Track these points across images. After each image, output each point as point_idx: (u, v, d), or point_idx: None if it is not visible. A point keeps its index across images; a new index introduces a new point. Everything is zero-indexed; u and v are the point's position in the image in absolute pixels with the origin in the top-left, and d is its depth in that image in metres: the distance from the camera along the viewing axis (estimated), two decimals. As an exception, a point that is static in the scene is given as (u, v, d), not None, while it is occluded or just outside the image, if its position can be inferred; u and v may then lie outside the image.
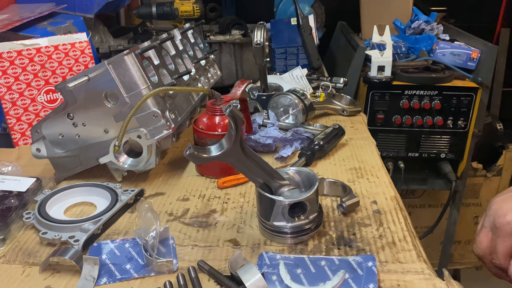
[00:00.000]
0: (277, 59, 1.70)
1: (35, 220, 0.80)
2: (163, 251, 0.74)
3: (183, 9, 1.62)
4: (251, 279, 0.62)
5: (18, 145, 1.15)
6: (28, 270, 0.71)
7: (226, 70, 1.60)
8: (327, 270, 0.68)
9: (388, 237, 0.76)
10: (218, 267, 0.70)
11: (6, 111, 1.13)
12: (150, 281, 0.68)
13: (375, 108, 1.74)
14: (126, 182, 0.95)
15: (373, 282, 0.65)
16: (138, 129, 0.87)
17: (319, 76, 1.55)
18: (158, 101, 0.87)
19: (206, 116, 0.97)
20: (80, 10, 1.47)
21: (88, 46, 1.20)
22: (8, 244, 0.77)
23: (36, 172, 0.99)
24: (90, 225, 0.77)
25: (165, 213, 0.86)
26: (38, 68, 1.14)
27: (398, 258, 0.71)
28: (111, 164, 0.92)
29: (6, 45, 1.11)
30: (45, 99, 1.16)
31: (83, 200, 0.89)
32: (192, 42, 1.25)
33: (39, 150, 0.94)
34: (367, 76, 1.69)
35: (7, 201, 0.85)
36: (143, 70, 0.86)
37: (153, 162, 0.92)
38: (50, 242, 0.76)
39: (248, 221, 0.82)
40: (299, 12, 1.62)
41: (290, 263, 0.70)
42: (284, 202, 0.73)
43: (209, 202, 0.89)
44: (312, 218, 0.75)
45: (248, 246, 0.76)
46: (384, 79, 1.66)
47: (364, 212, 0.84)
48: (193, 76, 1.15)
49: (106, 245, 0.75)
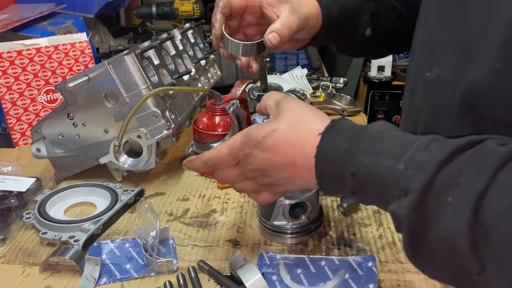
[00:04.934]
0: (277, 59, 1.70)
1: (35, 220, 0.79)
2: (163, 251, 0.74)
3: (183, 9, 1.61)
4: (251, 279, 0.62)
5: (18, 145, 1.15)
6: (28, 270, 0.71)
7: (226, 70, 1.59)
8: (327, 270, 0.68)
9: (388, 237, 0.76)
10: (218, 267, 0.70)
11: (6, 111, 1.13)
12: (150, 281, 0.68)
13: (375, 108, 1.74)
14: (126, 182, 0.95)
15: (373, 282, 0.65)
16: (138, 129, 0.87)
17: (319, 76, 1.55)
18: (158, 101, 0.87)
19: (206, 116, 0.97)
20: (80, 10, 1.47)
21: (88, 46, 1.20)
22: (8, 244, 0.77)
23: (36, 172, 0.99)
24: (90, 225, 0.77)
25: (165, 213, 0.86)
26: (38, 68, 1.14)
27: (398, 258, 0.71)
28: (111, 164, 0.92)
29: (6, 45, 1.11)
30: (45, 99, 1.16)
31: (83, 200, 0.89)
32: (192, 42, 1.25)
33: (39, 150, 0.94)
34: (367, 76, 1.69)
35: (7, 201, 0.85)
36: (143, 70, 0.86)
37: (153, 162, 0.92)
38: (50, 242, 0.76)
39: (248, 221, 0.82)
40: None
41: (290, 263, 0.70)
42: (284, 202, 0.73)
43: (209, 202, 0.89)
44: (313, 218, 0.75)
45: (248, 246, 0.76)
46: (384, 79, 1.66)
47: (364, 212, 0.84)
48: (193, 76, 1.15)
49: (106, 245, 0.75)
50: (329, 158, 0.51)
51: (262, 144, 0.56)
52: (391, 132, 0.49)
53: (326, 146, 0.52)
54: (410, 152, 0.45)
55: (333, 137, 0.52)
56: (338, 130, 0.52)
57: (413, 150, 0.45)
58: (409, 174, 0.44)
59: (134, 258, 0.72)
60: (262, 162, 0.56)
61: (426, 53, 0.61)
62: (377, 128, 0.50)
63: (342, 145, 0.50)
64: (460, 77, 0.51)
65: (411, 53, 0.71)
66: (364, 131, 0.50)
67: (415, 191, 0.42)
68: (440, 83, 0.55)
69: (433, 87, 0.57)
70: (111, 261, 0.72)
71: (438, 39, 0.57)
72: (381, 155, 0.47)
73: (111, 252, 0.73)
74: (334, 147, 0.51)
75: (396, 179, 0.45)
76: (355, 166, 0.48)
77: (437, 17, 0.59)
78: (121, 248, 0.74)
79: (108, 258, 0.72)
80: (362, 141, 0.49)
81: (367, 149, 0.48)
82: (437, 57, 0.57)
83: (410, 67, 0.69)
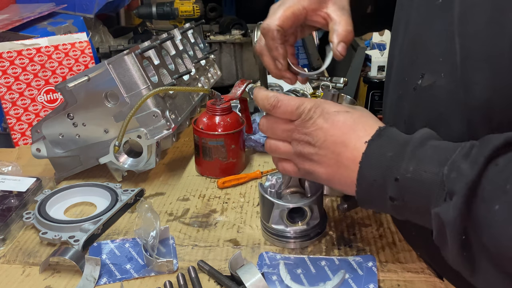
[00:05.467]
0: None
1: (35, 220, 0.79)
2: (163, 251, 0.74)
3: (183, 9, 1.61)
4: (251, 279, 0.62)
5: (18, 145, 1.15)
6: (28, 270, 0.71)
7: (226, 70, 1.59)
8: (327, 270, 0.68)
9: (388, 237, 0.76)
10: (218, 267, 0.70)
11: (6, 111, 1.13)
12: (150, 281, 0.68)
13: (375, 108, 1.74)
14: (126, 182, 0.95)
15: (373, 282, 0.65)
16: (138, 129, 0.87)
17: (319, 76, 1.55)
18: (158, 101, 0.87)
19: (206, 116, 0.97)
20: (80, 10, 1.47)
21: (88, 46, 1.20)
22: (8, 244, 0.77)
23: (36, 172, 0.99)
24: (90, 225, 0.77)
25: (165, 213, 0.86)
26: (38, 68, 1.14)
27: (398, 258, 0.71)
28: (111, 164, 0.92)
29: (6, 45, 1.11)
30: (45, 99, 1.16)
31: (83, 200, 0.89)
32: (192, 42, 1.25)
33: (39, 150, 0.94)
34: (367, 76, 1.69)
35: (7, 201, 0.85)
36: (143, 70, 0.86)
37: (153, 162, 0.92)
38: (50, 242, 0.76)
39: (248, 221, 0.82)
40: (299, 12, 1.62)
41: (290, 263, 0.70)
42: (283, 206, 0.72)
43: (209, 202, 0.89)
44: (313, 225, 0.74)
45: (248, 246, 0.76)
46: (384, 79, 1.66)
47: (364, 212, 0.84)
48: (193, 76, 1.15)
49: (106, 245, 0.75)
50: (374, 164, 0.52)
51: (330, 115, 0.56)
52: (434, 141, 0.50)
53: (372, 153, 0.52)
54: (453, 157, 0.46)
55: (379, 145, 0.53)
56: (384, 139, 0.53)
57: (456, 155, 0.46)
58: (453, 177, 0.44)
59: (134, 258, 0.72)
60: (317, 130, 0.56)
61: (412, 59, 0.60)
62: (420, 135, 0.51)
63: (388, 153, 0.51)
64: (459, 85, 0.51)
65: (390, 56, 0.70)
66: (408, 140, 0.51)
67: (459, 192, 0.43)
68: (434, 90, 0.55)
69: (427, 95, 0.57)
70: (111, 261, 0.72)
71: (427, 45, 0.57)
72: (426, 161, 0.48)
73: (111, 252, 0.73)
74: (380, 154, 0.52)
75: (441, 182, 0.45)
76: (399, 172, 0.49)
77: (422, 21, 0.58)
78: (121, 248, 0.74)
79: (108, 258, 0.72)
80: (407, 149, 0.50)
81: (412, 156, 0.49)
82: (428, 64, 0.57)
83: (391, 71, 0.68)
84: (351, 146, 0.54)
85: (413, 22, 0.60)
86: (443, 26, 0.53)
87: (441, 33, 0.54)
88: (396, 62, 0.66)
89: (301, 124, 0.58)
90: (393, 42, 0.69)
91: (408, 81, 0.61)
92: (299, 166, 0.60)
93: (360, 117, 0.56)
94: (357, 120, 0.56)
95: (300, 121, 0.58)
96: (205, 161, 0.98)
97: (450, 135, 0.52)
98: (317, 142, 0.56)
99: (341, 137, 0.55)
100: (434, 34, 0.55)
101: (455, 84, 0.52)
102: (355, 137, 0.54)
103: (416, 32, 0.59)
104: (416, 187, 0.48)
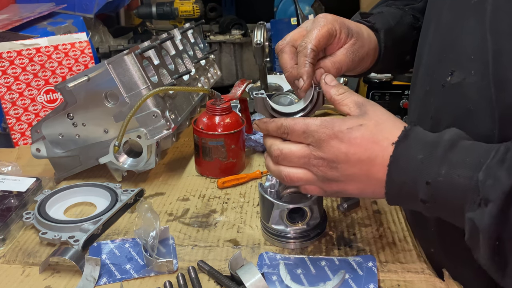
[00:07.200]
0: (277, 59, 1.69)
1: (35, 220, 0.79)
2: (163, 251, 0.74)
3: (183, 9, 1.61)
4: (251, 279, 0.62)
5: (18, 145, 1.15)
6: (28, 270, 0.71)
7: (226, 70, 1.60)
8: (327, 270, 0.68)
9: (388, 237, 0.76)
10: (218, 267, 0.70)
11: (6, 111, 1.13)
12: (150, 281, 0.68)
13: (375, 108, 1.73)
14: (126, 182, 0.95)
15: (373, 282, 0.65)
16: (138, 129, 0.87)
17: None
18: (158, 101, 0.87)
19: (206, 116, 0.97)
20: (80, 10, 1.47)
21: (88, 46, 1.20)
22: (8, 244, 0.77)
23: (36, 172, 0.99)
24: (90, 225, 0.77)
25: (165, 213, 0.86)
26: (38, 68, 1.14)
27: (398, 258, 0.71)
28: (111, 164, 0.92)
29: (6, 45, 1.11)
30: (45, 99, 1.16)
31: (83, 200, 0.89)
32: (192, 42, 1.25)
33: (39, 150, 0.94)
34: (367, 76, 1.69)
35: (7, 201, 0.84)
36: (143, 70, 0.86)
37: (153, 162, 0.92)
38: (50, 242, 0.76)
39: (248, 221, 0.82)
40: (299, 12, 1.62)
41: (290, 263, 0.70)
42: (283, 206, 0.72)
43: (209, 202, 0.89)
44: (313, 225, 0.74)
45: (248, 246, 0.76)
46: (384, 79, 1.66)
47: (364, 212, 0.84)
48: (193, 76, 1.15)
49: (106, 245, 0.75)
50: (403, 167, 0.51)
51: (344, 134, 0.55)
52: (465, 142, 0.50)
53: (400, 155, 0.52)
54: (488, 162, 0.45)
55: (407, 147, 0.52)
56: (411, 140, 0.52)
57: (490, 160, 0.46)
58: (488, 184, 0.44)
59: (134, 258, 0.72)
60: (336, 152, 0.55)
61: (441, 57, 0.60)
62: (450, 137, 0.50)
63: (418, 156, 0.50)
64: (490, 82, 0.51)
65: (419, 54, 0.70)
66: (438, 141, 0.50)
67: (495, 200, 0.43)
68: (464, 88, 0.55)
69: (456, 92, 0.57)
70: (111, 261, 0.72)
71: (458, 43, 0.57)
72: (459, 165, 0.47)
73: (111, 252, 0.73)
74: (409, 157, 0.51)
75: (476, 187, 0.45)
76: (430, 176, 0.49)
77: (453, 20, 0.58)
78: (121, 248, 0.74)
79: (108, 258, 0.72)
80: (437, 151, 0.49)
81: (443, 159, 0.49)
82: (459, 62, 0.56)
83: (419, 68, 0.68)
84: (379, 160, 0.53)
85: (444, 21, 0.60)
86: (475, 24, 0.54)
87: (473, 31, 0.54)
88: (424, 59, 0.66)
89: (316, 149, 0.56)
90: (422, 41, 0.69)
91: (436, 78, 0.60)
92: (325, 189, 0.59)
93: (376, 126, 0.54)
94: (374, 131, 0.54)
95: (314, 146, 0.56)
96: (205, 161, 0.98)
97: (477, 132, 0.52)
98: (340, 164, 0.55)
99: (364, 153, 0.54)
100: (466, 32, 0.55)
101: (486, 82, 0.52)
102: (380, 149, 0.53)
103: (447, 30, 0.59)
104: (448, 191, 0.47)
